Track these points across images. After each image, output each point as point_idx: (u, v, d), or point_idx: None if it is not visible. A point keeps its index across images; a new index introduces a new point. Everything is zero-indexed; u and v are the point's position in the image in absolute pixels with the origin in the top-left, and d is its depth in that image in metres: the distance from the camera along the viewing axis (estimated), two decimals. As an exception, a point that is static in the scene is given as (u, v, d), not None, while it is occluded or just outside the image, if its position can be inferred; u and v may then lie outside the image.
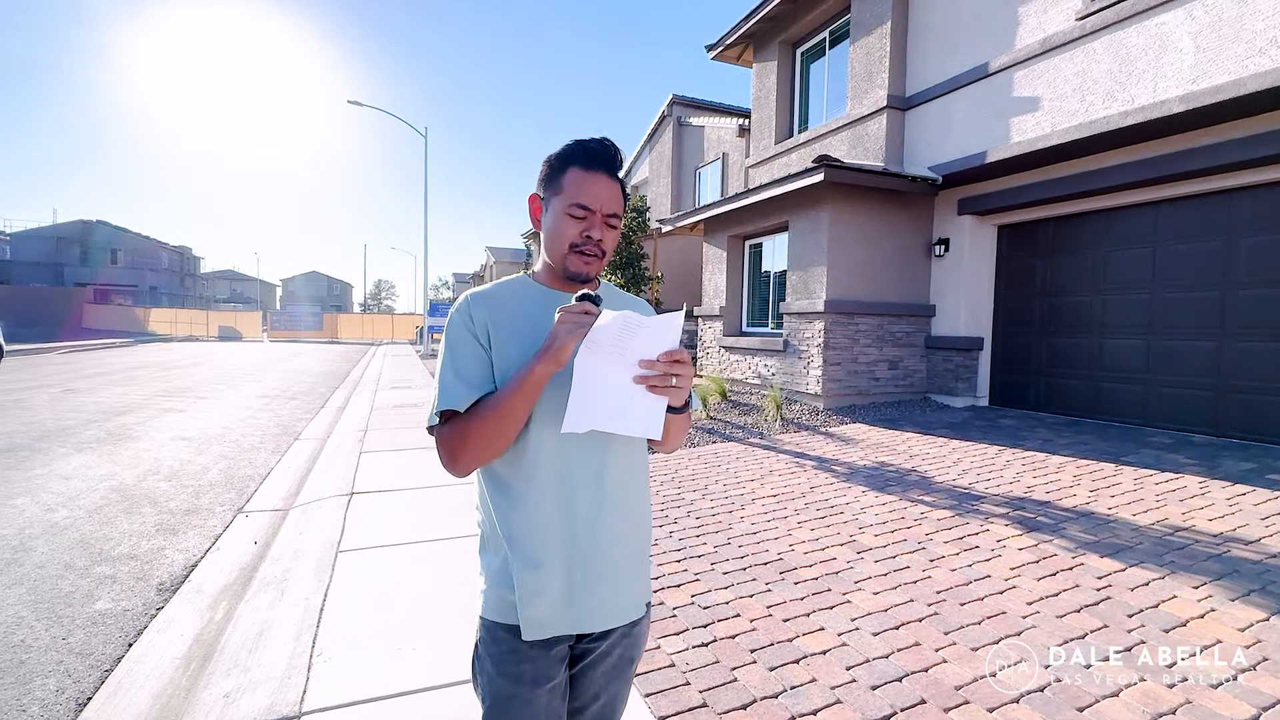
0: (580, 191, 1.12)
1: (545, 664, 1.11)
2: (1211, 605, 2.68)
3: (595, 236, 1.14)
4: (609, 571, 1.14)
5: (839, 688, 2.17)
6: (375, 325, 38.88)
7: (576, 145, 1.15)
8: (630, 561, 1.18)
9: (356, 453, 5.86)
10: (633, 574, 1.19)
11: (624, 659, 1.21)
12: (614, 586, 1.15)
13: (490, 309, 1.15)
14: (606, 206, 1.13)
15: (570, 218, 1.13)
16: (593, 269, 1.17)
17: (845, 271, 7.50)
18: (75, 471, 5.28)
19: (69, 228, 43.34)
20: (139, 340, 28.82)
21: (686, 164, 16.16)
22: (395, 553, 3.45)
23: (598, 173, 1.13)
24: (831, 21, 9.04)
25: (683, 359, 1.05)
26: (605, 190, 1.13)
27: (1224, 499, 4.01)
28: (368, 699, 2.13)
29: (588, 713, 1.21)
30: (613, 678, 1.20)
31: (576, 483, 1.11)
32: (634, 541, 1.19)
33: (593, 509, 1.12)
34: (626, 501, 1.17)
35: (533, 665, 1.10)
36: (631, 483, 1.19)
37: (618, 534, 1.15)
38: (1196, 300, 5.79)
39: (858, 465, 5.12)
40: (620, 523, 1.16)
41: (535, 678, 1.10)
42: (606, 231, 1.15)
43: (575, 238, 1.13)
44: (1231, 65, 4.80)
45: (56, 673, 2.43)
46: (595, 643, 1.17)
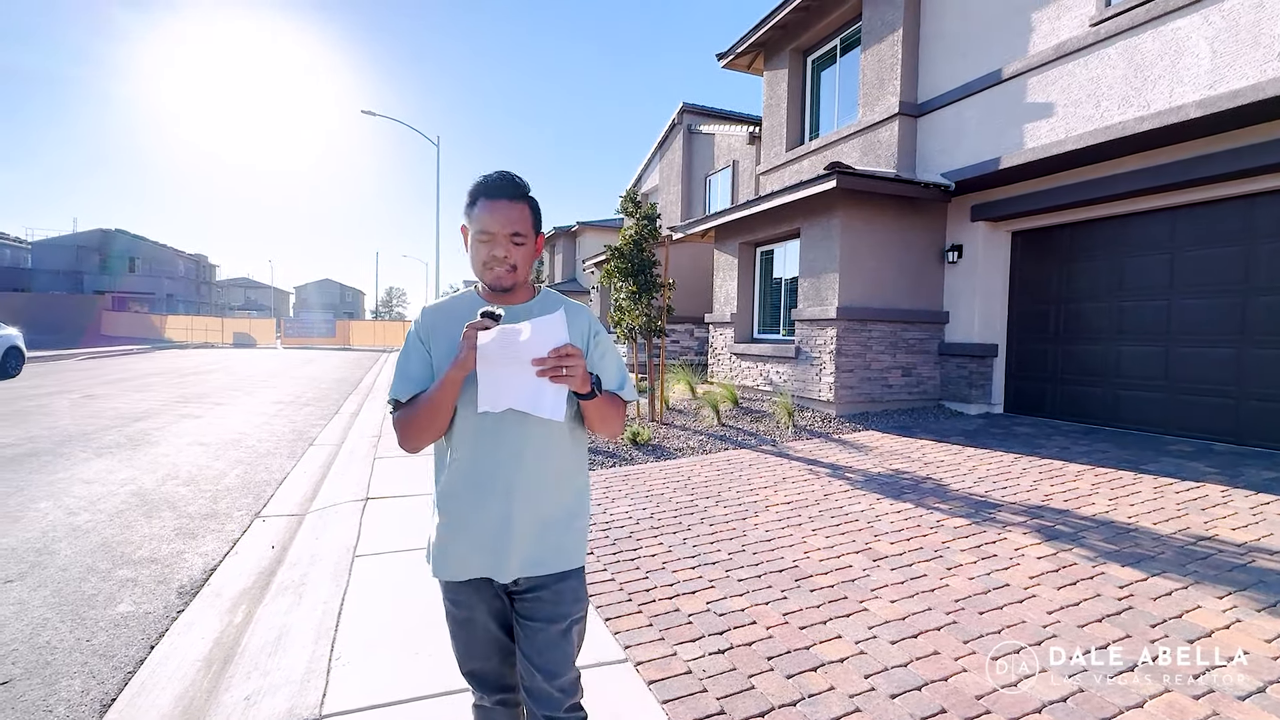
0: (483, 219, 1.34)
1: (474, 598, 1.40)
2: (1237, 615, 2.63)
3: (499, 254, 1.35)
4: (516, 532, 1.35)
5: (858, 696, 2.15)
6: (387, 332, 39.13)
7: (480, 180, 1.37)
8: (540, 526, 1.38)
9: (370, 458, 5.91)
10: (544, 536, 1.38)
11: (555, 613, 1.39)
12: (521, 545, 1.36)
13: (435, 319, 1.42)
14: (507, 228, 1.34)
15: (479, 243, 1.36)
16: (505, 280, 1.38)
17: (857, 278, 7.48)
18: (96, 476, 5.35)
19: (89, 236, 44.07)
20: (156, 347, 29.22)
21: (697, 171, 16.21)
22: (411, 557, 3.47)
23: (498, 200, 1.34)
24: (843, 29, 9.07)
25: (570, 352, 1.27)
26: (504, 213, 1.34)
27: (1247, 508, 3.94)
28: (387, 703, 2.14)
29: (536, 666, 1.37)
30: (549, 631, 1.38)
31: (494, 458, 1.35)
32: (545, 510, 1.39)
33: (507, 478, 1.35)
34: (542, 474, 1.38)
35: (465, 596, 1.41)
36: (551, 459, 1.39)
37: (526, 502, 1.36)
38: (1216, 307, 5.72)
39: (872, 472, 5.09)
40: (529, 493, 1.36)
41: (469, 604, 1.41)
42: (512, 248, 1.36)
43: (485, 258, 1.36)
44: (1249, 70, 4.76)
45: (81, 674, 2.47)
46: (525, 595, 1.39)
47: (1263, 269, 5.40)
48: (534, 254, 1.41)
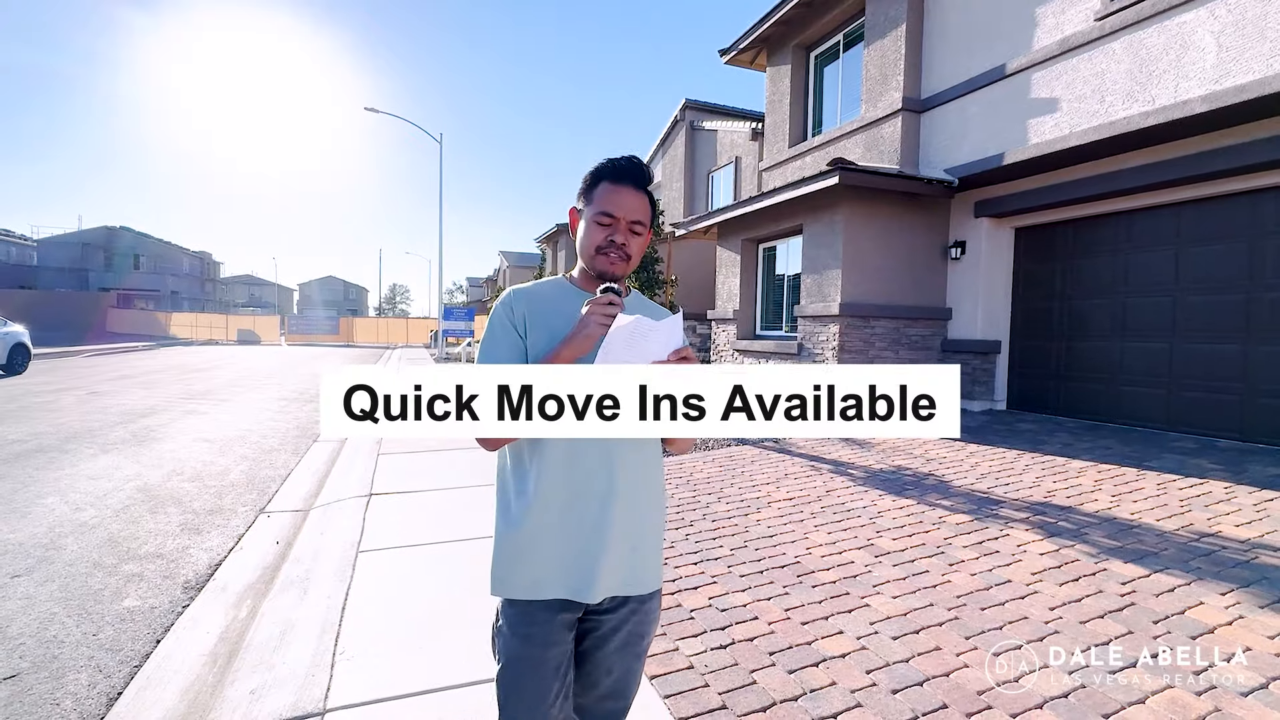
0: (606, 202, 1.26)
1: (552, 628, 1.21)
2: (1240, 612, 2.63)
3: (618, 240, 1.26)
4: (611, 546, 1.22)
5: (859, 691, 2.16)
6: (390, 329, 39.23)
7: (607, 162, 1.29)
8: (633, 541, 1.25)
9: (375, 454, 5.93)
10: (635, 553, 1.26)
11: (633, 635, 1.28)
12: (615, 561, 1.22)
13: (530, 303, 1.28)
14: (630, 215, 1.26)
15: (598, 225, 1.26)
16: (618, 269, 1.28)
17: (860, 274, 7.47)
18: (102, 472, 5.39)
19: (94, 234, 44.25)
20: (161, 344, 29.33)
21: (699, 168, 16.18)
22: (415, 553, 3.49)
23: (624, 185, 1.26)
24: (846, 25, 9.03)
25: (689, 356, 1.17)
26: (629, 201, 1.26)
27: (1251, 505, 3.93)
28: (391, 697, 2.16)
29: (601, 687, 1.29)
30: (623, 653, 1.28)
31: (586, 464, 1.22)
32: (638, 524, 1.26)
33: (601, 488, 1.22)
34: (633, 487, 1.25)
35: (541, 629, 1.21)
36: (640, 471, 1.27)
37: (622, 515, 1.23)
38: (1221, 303, 5.70)
39: (874, 469, 5.09)
40: (625, 505, 1.24)
41: (544, 640, 1.21)
42: (630, 237, 1.27)
43: (601, 241, 1.26)
44: (1256, 64, 4.73)
45: (88, 668, 2.49)
46: (605, 615, 1.26)
47: (1268, 265, 5.38)
48: (644, 247, 1.34)
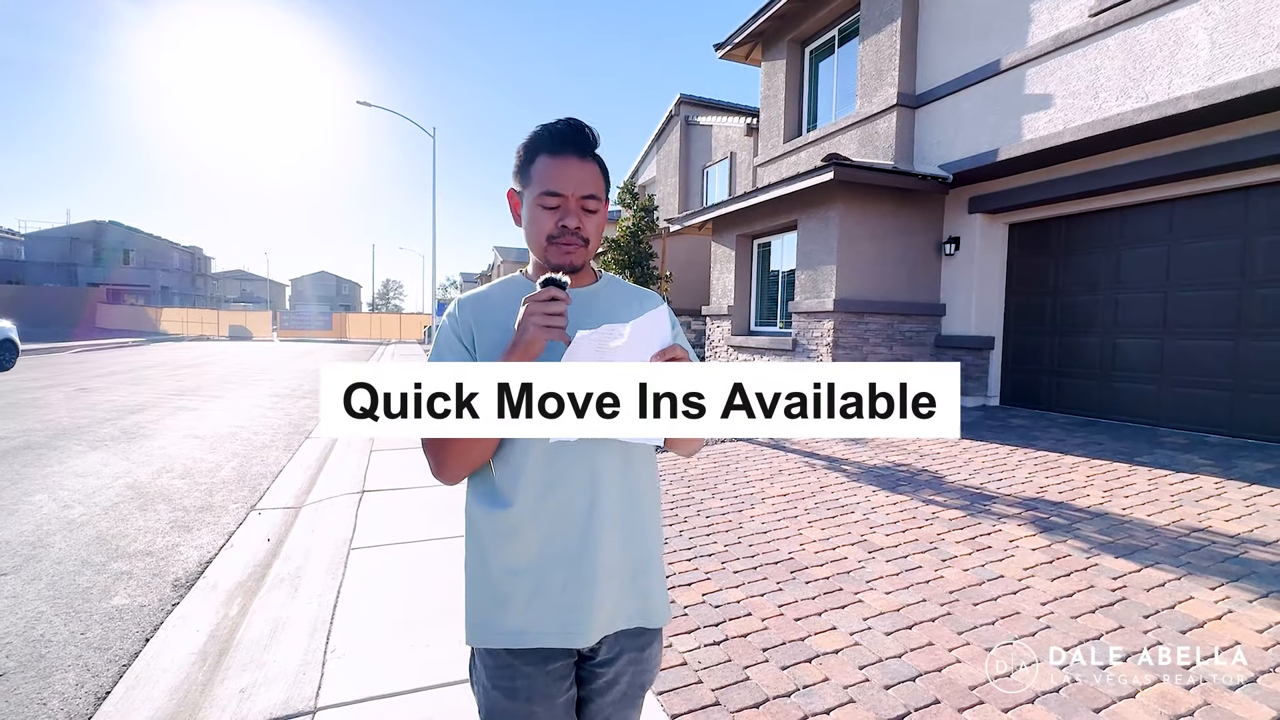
0: (548, 179, 1.04)
1: (541, 681, 1.03)
2: (1229, 606, 2.65)
3: (571, 225, 1.05)
4: (604, 575, 1.04)
5: (852, 687, 2.16)
6: (383, 325, 39.06)
7: (541, 130, 1.07)
8: (627, 573, 1.07)
9: (367, 451, 5.90)
10: (630, 585, 1.08)
11: (634, 685, 1.12)
12: (613, 593, 1.05)
13: (476, 310, 1.10)
14: (579, 189, 1.04)
15: (543, 209, 1.05)
16: (575, 258, 1.07)
17: (854, 270, 7.47)
18: (91, 469, 5.34)
19: (82, 228, 43.81)
20: (151, 340, 29.11)
21: (694, 163, 16.14)
22: (407, 550, 3.47)
23: (566, 156, 1.05)
24: (841, 19, 9.00)
25: (677, 355, 0.98)
26: (575, 173, 1.04)
27: (1241, 500, 3.96)
28: (382, 695, 2.14)
29: None
30: (623, 706, 1.13)
31: (566, 490, 1.03)
32: (631, 553, 1.08)
33: (583, 518, 1.03)
34: (623, 510, 1.07)
35: (527, 682, 1.03)
36: (630, 490, 1.09)
37: (611, 537, 1.05)
38: (1212, 299, 5.73)
39: (868, 465, 5.10)
40: (614, 532, 1.06)
41: (530, 694, 1.03)
42: (584, 217, 1.06)
43: (551, 229, 1.05)
44: (1248, 61, 4.74)
45: (76, 667, 2.46)
46: (601, 667, 1.09)
47: (1260, 261, 5.40)
48: (604, 224, 1.12)
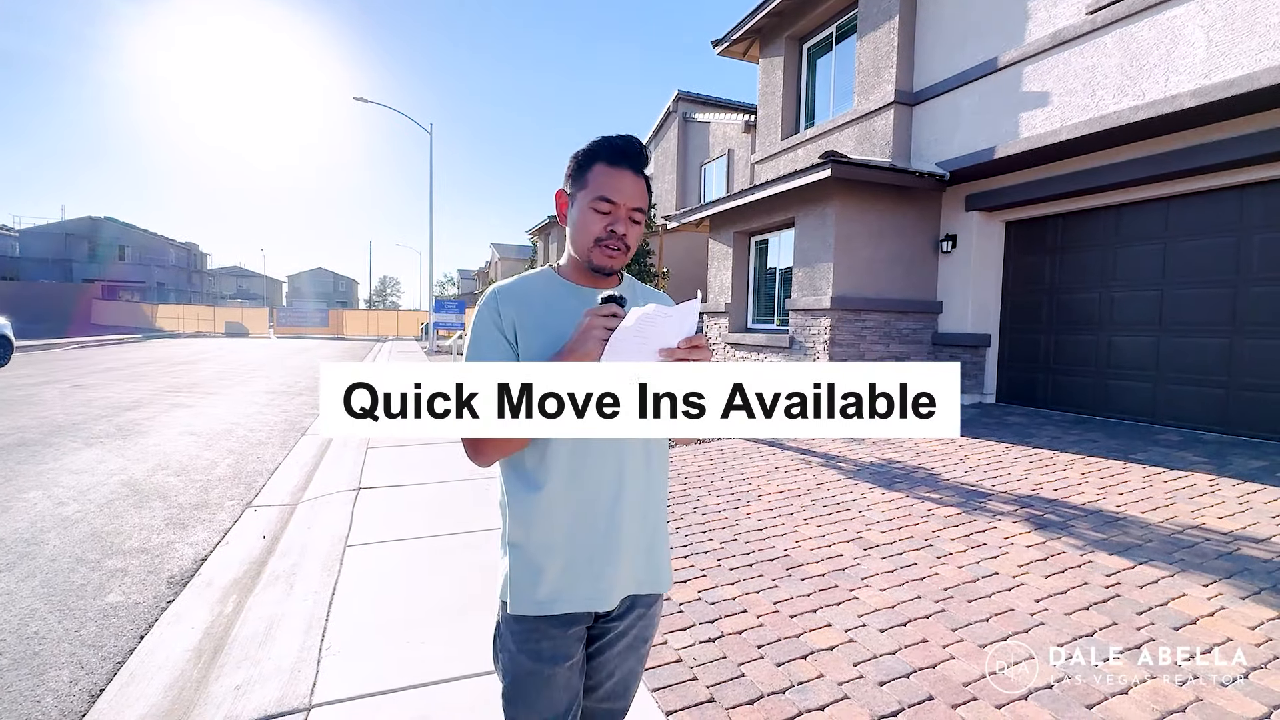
0: (604, 186, 1.14)
1: (564, 642, 1.16)
2: (1222, 603, 2.66)
3: (619, 231, 1.15)
4: (623, 553, 1.17)
5: (846, 684, 2.17)
6: (380, 322, 38.97)
7: (602, 141, 1.16)
8: (645, 543, 1.22)
9: (363, 448, 5.89)
10: (649, 553, 1.23)
11: (638, 638, 1.26)
12: (629, 565, 1.19)
13: (518, 306, 1.17)
14: (630, 201, 1.15)
15: (595, 212, 1.14)
16: (616, 262, 1.17)
17: (852, 268, 7.47)
18: (85, 466, 5.32)
19: (77, 224, 43.60)
20: (147, 336, 29.01)
21: (692, 160, 16.12)
22: (403, 547, 3.47)
23: (622, 168, 1.14)
24: (838, 16, 8.99)
25: (700, 343, 1.07)
26: (629, 185, 1.15)
27: (1234, 497, 3.98)
28: (377, 692, 2.14)
29: (603, 689, 1.26)
30: (627, 655, 1.25)
31: (593, 470, 1.15)
32: (648, 526, 1.22)
33: (611, 495, 1.16)
34: (642, 488, 1.20)
35: (551, 643, 1.15)
36: (647, 470, 1.22)
37: (632, 519, 1.18)
38: (1208, 297, 5.74)
39: (864, 462, 5.11)
40: (635, 509, 1.19)
41: (554, 655, 1.15)
42: (630, 226, 1.16)
43: (600, 232, 1.15)
44: (1245, 60, 4.74)
45: (70, 664, 2.46)
46: (613, 622, 1.21)
47: (1255, 259, 5.42)
48: (639, 239, 1.23)
